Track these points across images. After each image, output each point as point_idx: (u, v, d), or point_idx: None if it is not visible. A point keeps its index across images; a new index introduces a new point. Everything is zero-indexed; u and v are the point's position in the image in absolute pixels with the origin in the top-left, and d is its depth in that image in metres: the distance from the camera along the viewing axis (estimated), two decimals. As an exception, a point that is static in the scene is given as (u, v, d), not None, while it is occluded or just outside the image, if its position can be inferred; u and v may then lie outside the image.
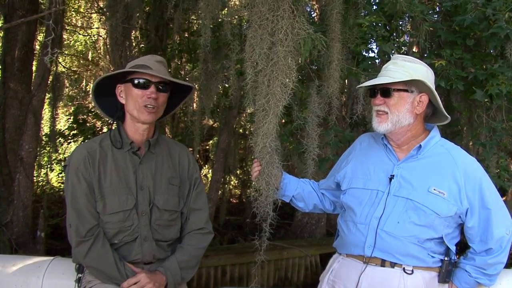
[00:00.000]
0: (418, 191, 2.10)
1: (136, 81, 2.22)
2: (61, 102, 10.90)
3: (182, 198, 2.38)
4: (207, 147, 10.88)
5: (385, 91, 2.14)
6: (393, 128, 2.15)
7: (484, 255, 2.12)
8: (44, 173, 8.86)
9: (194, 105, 6.20)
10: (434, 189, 2.08)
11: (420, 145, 2.17)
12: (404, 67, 2.15)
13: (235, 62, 3.47)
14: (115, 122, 2.37)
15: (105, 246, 2.19)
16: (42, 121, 6.87)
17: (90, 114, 7.95)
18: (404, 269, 2.08)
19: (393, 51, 3.55)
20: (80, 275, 2.34)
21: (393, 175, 2.16)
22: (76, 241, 2.18)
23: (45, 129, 9.00)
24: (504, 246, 2.10)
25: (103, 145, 2.28)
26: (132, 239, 2.24)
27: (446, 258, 2.13)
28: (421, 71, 2.16)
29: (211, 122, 9.09)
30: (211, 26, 4.14)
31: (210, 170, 9.76)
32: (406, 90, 2.14)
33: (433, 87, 2.14)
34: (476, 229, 2.11)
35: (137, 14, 5.70)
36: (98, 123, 8.01)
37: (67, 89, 11.40)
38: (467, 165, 2.13)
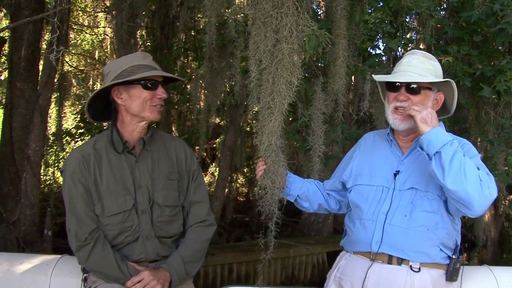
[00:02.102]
0: (421, 179, 2.09)
1: (148, 84, 2.22)
2: (68, 101, 10.96)
3: (182, 192, 2.37)
4: (214, 145, 10.90)
5: (412, 87, 2.10)
6: (414, 126, 2.08)
7: None
8: (51, 172, 8.91)
9: (201, 103, 6.21)
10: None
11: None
12: (425, 64, 2.13)
13: (240, 60, 3.47)
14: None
15: (106, 248, 2.19)
16: (49, 120, 6.90)
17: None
18: (411, 266, 2.06)
19: (399, 48, 3.53)
20: (86, 274, 2.35)
21: (398, 171, 2.16)
22: (77, 245, 2.18)
23: (52, 128, 9.05)
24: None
25: (97, 147, 2.27)
26: (134, 238, 2.24)
27: (454, 256, 2.11)
28: (440, 69, 2.17)
29: (217, 120, 9.10)
30: (216, 24, 4.14)
31: (217, 168, 9.77)
32: (430, 88, 2.12)
33: (455, 89, 2.14)
34: None
35: (143, 13, 5.70)
36: (105, 122, 8.02)
37: (74, 88, 11.45)
38: (464, 145, 2.10)
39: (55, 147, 8.19)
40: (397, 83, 2.13)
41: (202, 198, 2.43)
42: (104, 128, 7.82)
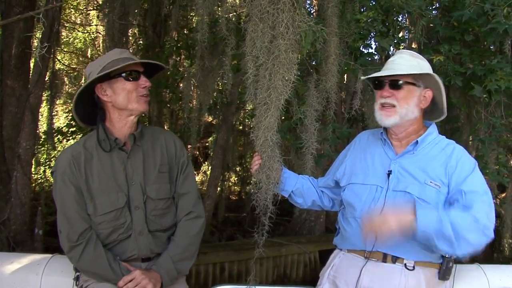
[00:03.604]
0: (415, 184, 2.10)
1: (130, 76, 2.22)
2: (60, 100, 10.90)
3: (172, 184, 2.38)
4: (207, 144, 10.88)
5: (395, 83, 2.13)
6: (400, 122, 2.14)
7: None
8: (42, 171, 8.85)
9: (194, 102, 6.20)
10: (431, 182, 2.08)
11: (417, 141, 2.17)
12: (410, 61, 2.16)
13: (231, 58, 3.46)
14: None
15: (98, 248, 2.18)
16: (40, 119, 6.85)
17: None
18: (405, 265, 2.08)
19: (391, 47, 3.54)
20: (78, 273, 2.35)
21: (391, 171, 2.17)
22: (69, 246, 2.17)
23: (44, 126, 9.00)
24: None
25: (87, 146, 2.26)
26: (127, 236, 2.24)
27: (447, 255, 2.11)
28: (427, 67, 2.17)
29: (210, 119, 9.09)
30: (208, 22, 4.12)
31: (209, 167, 9.75)
32: (414, 84, 2.14)
33: (441, 83, 2.14)
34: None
35: (135, 11, 5.68)
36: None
37: (66, 87, 11.39)
38: (459, 158, 2.11)
39: (46, 146, 8.13)
40: (377, 81, 2.19)
41: (189, 189, 2.41)
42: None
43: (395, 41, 3.72)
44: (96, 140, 2.26)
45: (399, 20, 3.98)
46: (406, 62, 2.15)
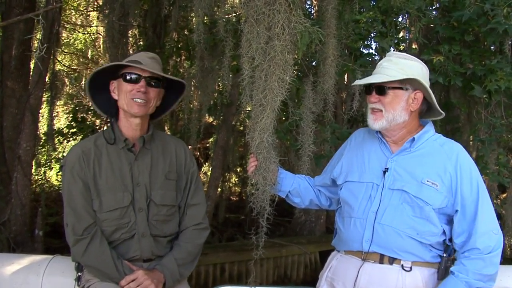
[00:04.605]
0: (412, 183, 2.09)
1: (128, 76, 2.23)
2: (61, 101, 10.89)
3: (179, 192, 2.39)
4: (207, 145, 10.87)
5: (380, 89, 2.14)
6: (388, 126, 2.15)
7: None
8: (43, 172, 8.84)
9: (195, 102, 6.20)
10: (428, 181, 2.08)
11: (414, 138, 2.16)
12: (398, 64, 2.14)
13: (231, 59, 3.46)
14: (108, 119, 2.39)
15: (103, 244, 2.19)
16: (40, 120, 6.85)
17: (89, 112, 7.92)
18: (402, 266, 2.07)
19: (391, 47, 3.53)
20: (79, 273, 2.36)
21: (387, 168, 2.16)
22: (74, 239, 2.19)
23: (44, 127, 8.99)
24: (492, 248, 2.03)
25: (98, 144, 2.29)
26: (130, 236, 2.25)
27: (445, 255, 2.11)
28: (416, 68, 2.15)
29: (210, 119, 9.08)
30: (208, 23, 4.12)
31: (210, 168, 9.74)
32: (401, 88, 2.13)
33: (427, 84, 2.14)
34: (464, 223, 2.07)
35: (135, 12, 5.68)
36: (97, 121, 8.00)
37: (67, 88, 11.39)
38: (459, 159, 2.11)
39: (46, 147, 8.14)
40: (365, 86, 2.21)
41: (200, 200, 2.45)
42: (97, 127, 7.79)
43: (395, 42, 3.72)
44: (107, 138, 2.29)
45: (399, 20, 3.97)
46: (393, 66, 2.14)
